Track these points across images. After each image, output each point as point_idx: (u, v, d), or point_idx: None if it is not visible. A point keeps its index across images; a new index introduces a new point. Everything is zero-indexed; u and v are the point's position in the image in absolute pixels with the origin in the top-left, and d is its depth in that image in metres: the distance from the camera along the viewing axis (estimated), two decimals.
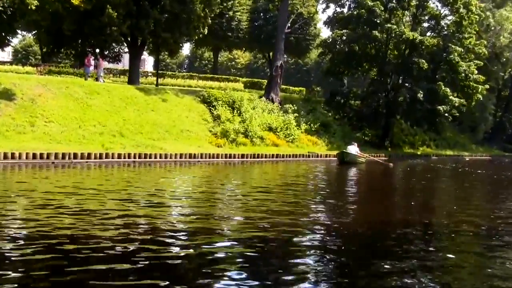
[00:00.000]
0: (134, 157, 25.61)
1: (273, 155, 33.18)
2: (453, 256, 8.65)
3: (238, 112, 36.38)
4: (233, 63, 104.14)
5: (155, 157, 26.59)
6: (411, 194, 18.12)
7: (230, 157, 30.46)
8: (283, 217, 10.91)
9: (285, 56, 61.97)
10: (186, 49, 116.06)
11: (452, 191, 19.55)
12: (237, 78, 59.93)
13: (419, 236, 10.06)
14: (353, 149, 32.58)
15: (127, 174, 20.50)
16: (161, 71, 58.49)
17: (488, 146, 63.52)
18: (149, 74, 55.75)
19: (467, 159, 50.36)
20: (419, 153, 48.82)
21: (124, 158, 25.18)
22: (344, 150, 32.34)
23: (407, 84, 47.63)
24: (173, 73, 60.27)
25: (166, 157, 27.07)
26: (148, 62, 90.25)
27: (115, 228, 9.40)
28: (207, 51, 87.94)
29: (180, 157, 27.76)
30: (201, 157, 28.78)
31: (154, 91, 35.62)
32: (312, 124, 41.38)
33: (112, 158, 24.66)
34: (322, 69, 52.27)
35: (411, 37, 42.93)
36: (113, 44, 41.91)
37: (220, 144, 32.29)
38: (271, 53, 51.33)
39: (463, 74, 45.26)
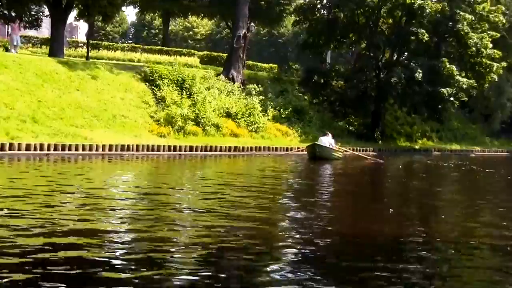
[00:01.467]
0: (49, 149, 25.10)
1: (230, 147, 33.04)
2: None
3: (188, 93, 36.23)
4: (191, 33, 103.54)
5: (77, 149, 26.16)
6: (393, 200, 18.03)
7: (175, 149, 30.24)
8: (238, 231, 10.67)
9: (253, 24, 61.79)
10: (132, 15, 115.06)
11: (445, 196, 19.51)
12: (192, 51, 59.60)
13: (386, 254, 9.95)
14: (326, 140, 32.48)
15: (30, 171, 20.08)
16: (96, 41, 57.85)
17: (506, 139, 64.02)
18: (80, 44, 55.09)
19: (472, 155, 50.76)
20: (417, 147, 49.16)
21: (35, 150, 24.63)
22: (317, 143, 32.30)
23: (403, 61, 47.88)
24: (111, 43, 59.55)
25: (91, 149, 26.69)
26: (80, 29, 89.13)
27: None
28: (158, 18, 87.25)
29: (110, 149, 27.42)
30: (138, 150, 28.50)
31: (82, 66, 35.12)
32: (282, 110, 41.47)
33: (19, 149, 24.06)
34: (298, 43, 52.12)
35: (409, 1, 43.04)
36: (31, 5, 41.21)
37: (164, 134, 32.06)
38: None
39: (473, 49, 45.59)
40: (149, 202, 13.90)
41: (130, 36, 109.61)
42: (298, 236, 10.54)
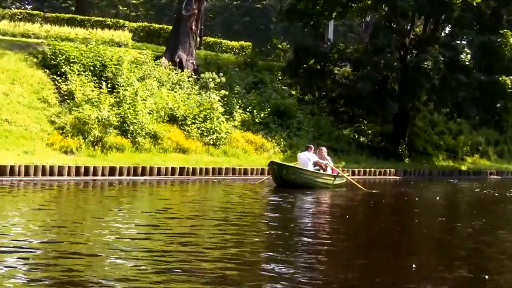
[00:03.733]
0: None
1: (174, 169, 32.74)
2: None
3: (111, 86, 36.02)
4: None
5: None
6: (422, 252, 17.59)
7: (88, 173, 29.88)
8: None
9: None
10: None
11: (504, 249, 18.97)
12: (121, 22, 59.15)
13: None
14: (307, 158, 31.90)
15: None
16: None
17: None
18: None
19: None
20: (464, 168, 49.10)
21: None
22: (275, 161, 32.59)
23: (443, 36, 47.81)
24: None
25: None
26: None
27: None
28: None
29: None
30: (28, 173, 28.07)
31: None
32: (256, 111, 41.55)
33: None
34: (281, 10, 51.81)
35: None
36: None
37: (71, 149, 31.56)
38: None
39: None
40: (41, 258, 13.38)
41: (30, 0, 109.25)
42: None
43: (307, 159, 31.90)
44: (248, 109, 41.22)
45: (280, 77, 47.67)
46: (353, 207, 27.14)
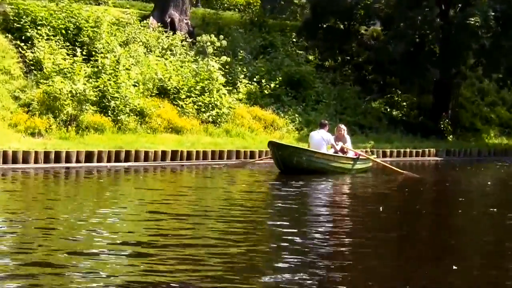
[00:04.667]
0: None
1: (165, 153, 32.58)
2: None
3: (87, 53, 36.03)
4: None
5: None
6: (470, 252, 17.40)
7: (59, 159, 29.67)
8: None
9: None
10: None
11: None
12: None
13: None
14: (320, 139, 31.25)
15: None
16: None
17: None
18: None
19: None
20: None
21: None
22: (275, 140, 32.18)
23: None
24: None
25: None
26: None
27: None
28: None
29: None
30: None
31: None
32: (265, 82, 41.52)
33: None
34: None
35: None
36: None
37: (39, 130, 31.46)
38: None
39: None
40: None
41: None
42: None
43: (321, 139, 31.06)
44: (255, 79, 41.20)
45: (294, 39, 47.65)
46: (384, 196, 26.86)
